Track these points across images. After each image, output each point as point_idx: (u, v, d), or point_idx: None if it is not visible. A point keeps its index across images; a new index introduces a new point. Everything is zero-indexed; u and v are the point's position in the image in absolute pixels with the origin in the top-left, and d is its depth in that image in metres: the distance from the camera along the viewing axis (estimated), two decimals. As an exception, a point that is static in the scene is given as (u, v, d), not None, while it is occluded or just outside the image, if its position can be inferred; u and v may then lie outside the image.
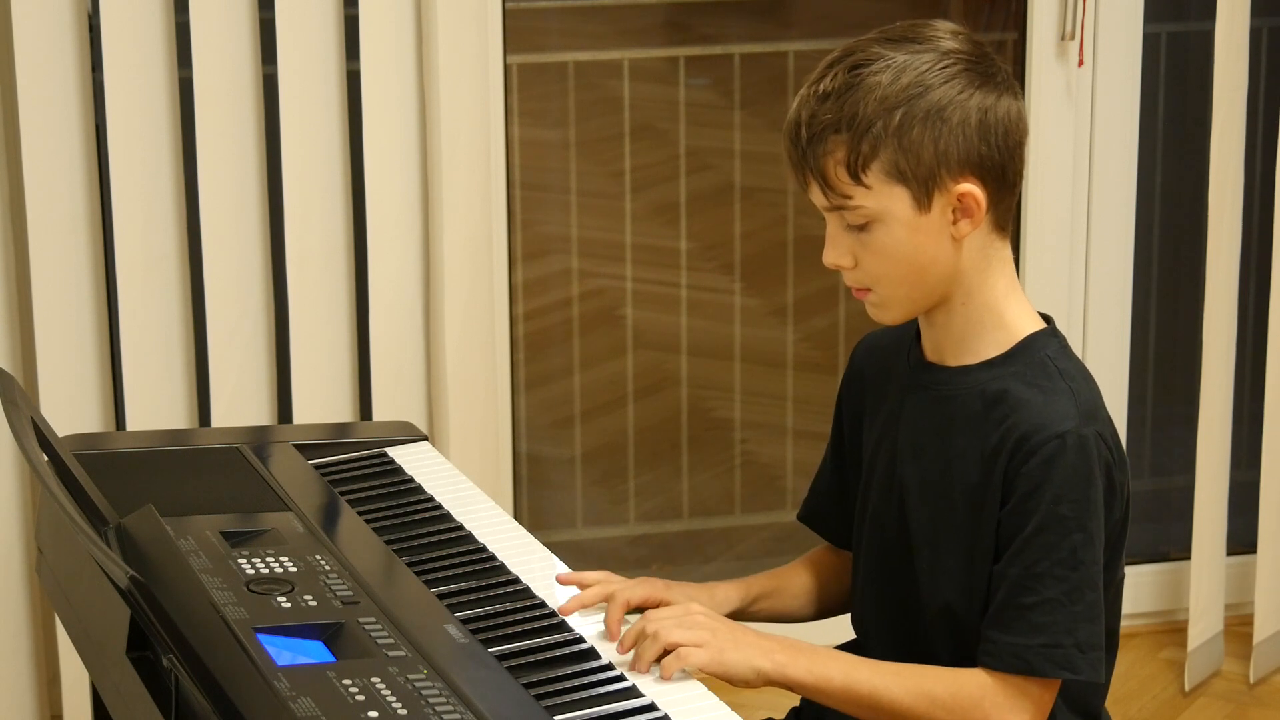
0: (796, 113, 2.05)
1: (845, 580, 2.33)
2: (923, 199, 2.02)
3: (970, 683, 2.02)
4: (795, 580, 2.33)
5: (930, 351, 2.14)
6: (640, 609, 2.13)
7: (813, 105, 2.03)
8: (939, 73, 2.02)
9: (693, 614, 2.04)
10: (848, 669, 2.03)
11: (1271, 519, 3.65)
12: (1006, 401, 2.05)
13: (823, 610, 2.34)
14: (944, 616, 2.11)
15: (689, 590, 2.22)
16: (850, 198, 2.03)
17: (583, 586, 2.15)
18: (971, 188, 2.03)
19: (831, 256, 2.07)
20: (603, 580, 2.16)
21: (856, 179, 2.02)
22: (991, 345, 2.09)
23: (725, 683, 2.01)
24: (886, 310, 2.09)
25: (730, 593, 2.26)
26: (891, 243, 2.03)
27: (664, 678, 1.97)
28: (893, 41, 2.04)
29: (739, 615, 2.26)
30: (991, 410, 2.06)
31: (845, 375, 2.28)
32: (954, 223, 2.04)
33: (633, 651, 2.01)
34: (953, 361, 2.11)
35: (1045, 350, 2.08)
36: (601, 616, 2.09)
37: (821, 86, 2.03)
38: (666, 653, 2.00)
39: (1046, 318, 2.13)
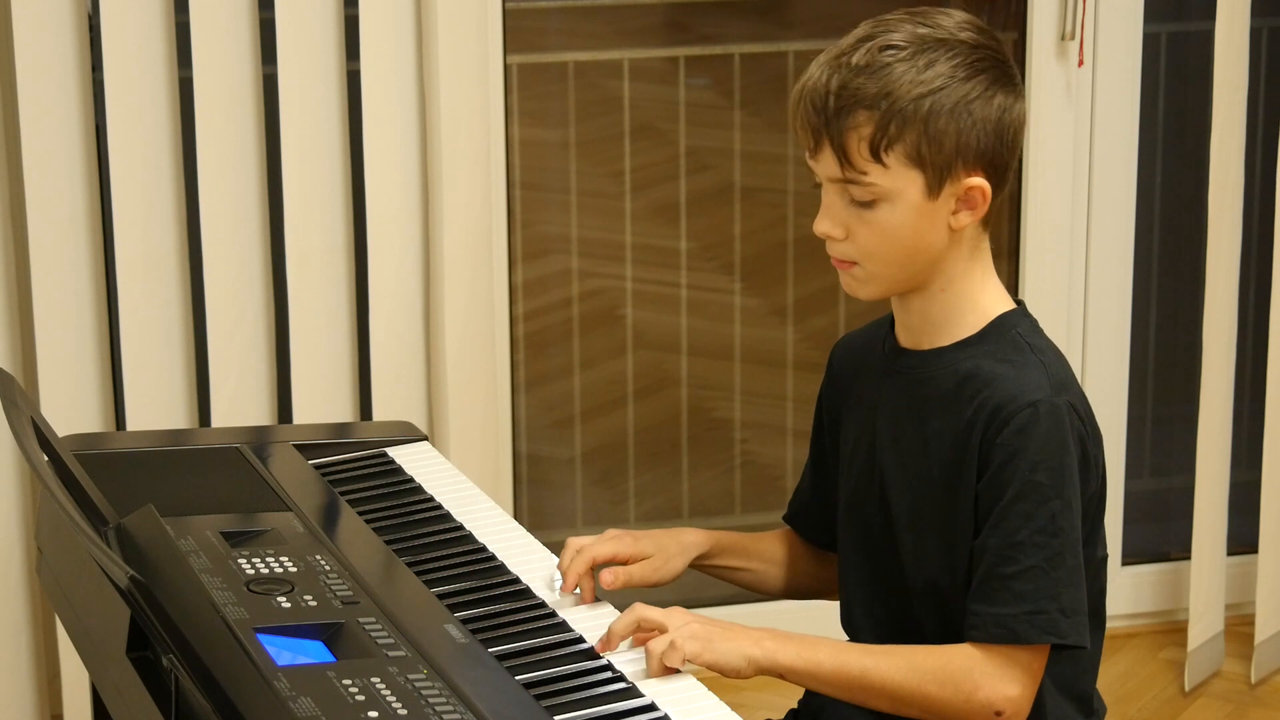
0: (825, 80, 2.06)
1: (813, 567, 2.36)
2: (935, 186, 2.05)
3: (959, 656, 2.03)
4: (766, 547, 2.36)
5: (905, 338, 2.17)
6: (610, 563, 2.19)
7: (844, 75, 2.05)
8: (968, 67, 2.06)
9: (678, 611, 2.05)
10: (837, 652, 2.05)
11: (1272, 519, 3.65)
12: (979, 377, 2.08)
13: (790, 587, 2.36)
14: (930, 597, 2.13)
15: (655, 536, 2.25)
16: (865, 174, 2.05)
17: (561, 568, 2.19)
18: (981, 181, 2.06)
19: (824, 226, 2.09)
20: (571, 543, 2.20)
21: (877, 157, 2.04)
22: (964, 327, 2.12)
23: (718, 674, 2.02)
24: (866, 286, 2.11)
25: (697, 538, 2.28)
26: (894, 223, 2.06)
27: (666, 667, 1.97)
28: (923, 26, 2.07)
29: (703, 561, 2.29)
30: (964, 388, 2.09)
31: (824, 377, 2.32)
32: (954, 213, 2.07)
33: (627, 648, 2.02)
34: (927, 345, 2.14)
35: (1016, 328, 2.12)
36: (605, 618, 2.10)
37: (854, 59, 2.05)
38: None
39: (1018, 301, 2.16)
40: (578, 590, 2.16)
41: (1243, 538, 3.76)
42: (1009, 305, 2.14)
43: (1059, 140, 3.55)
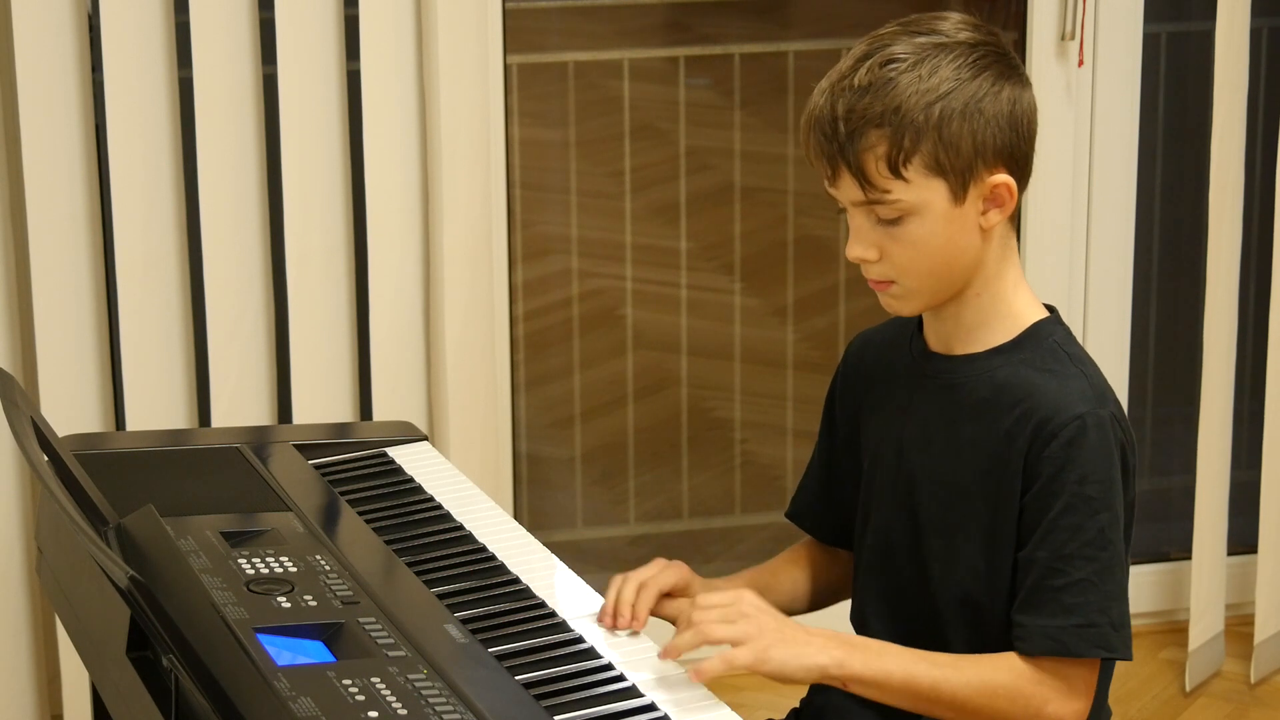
0: (830, 106, 2.04)
1: (833, 572, 2.34)
2: (959, 191, 2.04)
3: (1027, 671, 2.02)
4: (786, 576, 2.33)
5: (935, 343, 2.15)
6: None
7: (850, 99, 2.03)
8: (970, 66, 2.04)
9: (741, 603, 2.01)
10: (906, 663, 2.02)
11: (1272, 519, 3.65)
12: (1019, 387, 2.07)
13: (814, 603, 2.34)
14: (961, 606, 2.11)
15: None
16: (889, 192, 2.03)
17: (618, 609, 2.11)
18: (1005, 178, 2.05)
19: (857, 250, 2.07)
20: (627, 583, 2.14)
21: (896, 173, 2.02)
22: (999, 333, 2.11)
23: (776, 681, 1.99)
24: (908, 301, 2.10)
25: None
26: (925, 235, 2.04)
27: (702, 674, 1.94)
28: (919, 35, 2.05)
29: None
30: (1001, 396, 2.07)
31: (839, 373, 2.29)
32: (983, 213, 2.06)
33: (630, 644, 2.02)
34: (960, 351, 2.12)
35: (1053, 336, 2.10)
36: (608, 620, 2.10)
37: (856, 80, 2.03)
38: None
39: (1050, 307, 2.15)
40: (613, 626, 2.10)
41: (1243, 538, 3.76)
42: (1042, 312, 2.13)
43: (1059, 140, 3.55)
